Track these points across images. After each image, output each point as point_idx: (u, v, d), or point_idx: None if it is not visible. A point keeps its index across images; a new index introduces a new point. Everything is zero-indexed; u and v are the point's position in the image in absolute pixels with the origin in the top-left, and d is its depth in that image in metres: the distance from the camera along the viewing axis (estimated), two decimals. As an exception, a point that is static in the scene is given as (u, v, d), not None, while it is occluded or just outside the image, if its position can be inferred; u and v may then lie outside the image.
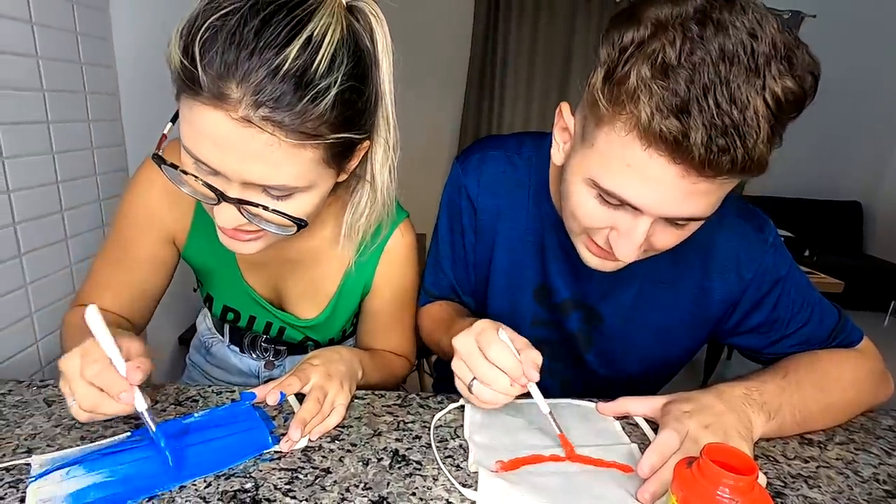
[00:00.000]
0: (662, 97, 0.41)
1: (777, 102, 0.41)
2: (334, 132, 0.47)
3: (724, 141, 0.40)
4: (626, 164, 0.45)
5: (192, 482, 0.46)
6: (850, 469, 0.54)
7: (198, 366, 0.85)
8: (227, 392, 0.61)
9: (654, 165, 0.44)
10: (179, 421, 0.54)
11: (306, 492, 0.46)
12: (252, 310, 0.73)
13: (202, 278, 0.73)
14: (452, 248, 0.75)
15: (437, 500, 0.45)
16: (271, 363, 0.79)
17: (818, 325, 0.66)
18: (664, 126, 0.41)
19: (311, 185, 0.50)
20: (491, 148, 0.71)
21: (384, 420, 0.57)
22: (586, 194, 0.51)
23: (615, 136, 0.45)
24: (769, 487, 0.50)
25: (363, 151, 0.55)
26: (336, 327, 0.73)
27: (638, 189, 0.46)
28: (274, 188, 0.48)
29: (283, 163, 0.46)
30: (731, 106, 0.40)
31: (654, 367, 0.73)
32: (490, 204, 0.70)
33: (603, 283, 0.67)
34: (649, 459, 0.47)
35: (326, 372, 0.58)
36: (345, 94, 0.46)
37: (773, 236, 0.64)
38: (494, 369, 0.50)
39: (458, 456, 0.52)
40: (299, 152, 0.46)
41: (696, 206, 0.47)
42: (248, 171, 0.46)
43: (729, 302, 0.66)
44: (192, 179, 0.49)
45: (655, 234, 0.50)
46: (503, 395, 0.51)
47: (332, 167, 0.51)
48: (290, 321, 0.72)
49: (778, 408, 0.56)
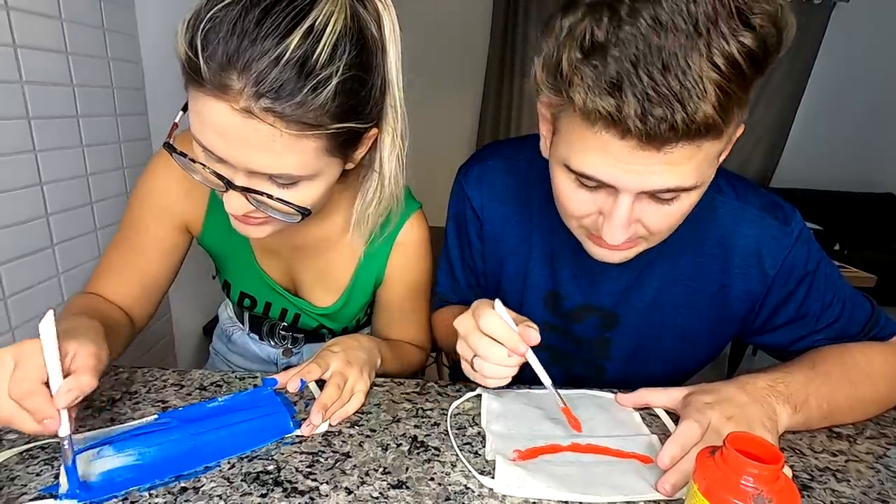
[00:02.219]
0: (593, 77, 0.41)
1: (730, 64, 0.39)
2: (336, 122, 0.47)
3: (661, 110, 0.40)
4: (586, 144, 0.45)
5: (217, 463, 0.47)
6: (881, 464, 0.52)
7: (220, 354, 0.87)
8: (249, 378, 0.62)
9: (608, 141, 0.43)
10: (204, 405, 0.55)
11: (327, 475, 0.46)
12: (268, 296, 0.74)
13: (219, 265, 0.75)
14: (462, 258, 0.75)
15: (454, 486, 0.46)
16: (289, 351, 0.81)
17: (849, 321, 0.63)
18: (599, 106, 0.41)
19: (315, 173, 0.50)
20: (491, 157, 0.71)
21: (403, 407, 0.58)
22: (566, 181, 0.51)
23: (571, 119, 0.46)
24: (795, 480, 0.49)
25: (371, 140, 0.55)
26: (350, 316, 0.74)
27: (602, 166, 0.45)
28: (278, 177, 0.49)
29: (285, 153, 0.46)
30: (664, 75, 0.39)
31: (676, 371, 0.71)
32: (495, 213, 0.70)
33: (619, 283, 0.65)
34: (670, 450, 0.46)
35: (346, 359, 0.58)
36: (347, 84, 0.46)
37: (800, 229, 0.61)
38: (490, 341, 0.51)
39: (475, 443, 0.52)
40: (301, 142, 0.47)
41: (672, 177, 0.45)
42: (251, 160, 0.46)
43: (752, 299, 0.63)
44: (201, 168, 0.50)
45: (644, 214, 0.49)
46: (502, 366, 0.51)
47: (337, 156, 0.51)
48: (304, 308, 0.73)
49: (804, 400, 0.54)
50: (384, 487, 0.45)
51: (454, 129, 3.60)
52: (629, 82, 0.40)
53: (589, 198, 0.50)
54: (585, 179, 0.48)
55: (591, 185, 0.49)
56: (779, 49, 0.42)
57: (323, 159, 0.50)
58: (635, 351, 0.69)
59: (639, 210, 0.49)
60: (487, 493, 0.45)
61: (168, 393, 0.58)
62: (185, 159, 0.50)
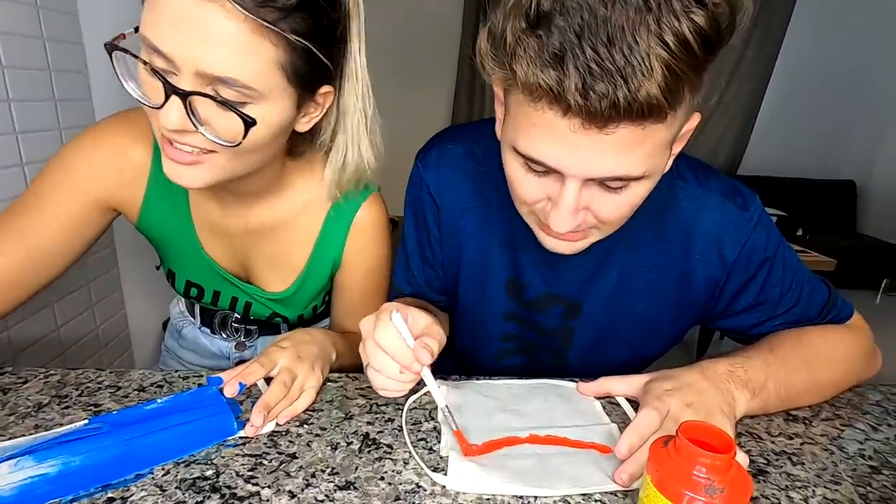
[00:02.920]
0: (537, 48, 0.39)
1: (680, 42, 0.37)
2: (295, 34, 0.46)
3: (602, 85, 0.38)
4: (532, 123, 0.43)
5: (150, 470, 0.44)
6: (836, 445, 0.53)
7: (171, 350, 0.83)
8: (194, 377, 0.58)
9: (549, 121, 0.42)
10: (141, 407, 0.52)
11: (269, 478, 0.44)
12: (216, 283, 0.70)
13: (162, 253, 0.71)
14: (419, 246, 0.72)
15: (406, 485, 0.44)
16: (242, 344, 0.78)
17: (807, 305, 0.63)
18: (540, 79, 0.39)
19: (265, 93, 0.48)
20: (449, 141, 0.68)
21: (357, 403, 0.55)
22: (515, 164, 0.49)
23: (518, 98, 0.44)
24: (752, 465, 0.49)
25: (326, 99, 0.54)
26: (305, 301, 0.71)
27: (547, 149, 0.43)
28: (227, 84, 0.46)
29: (240, 49, 0.45)
30: (609, 49, 0.37)
31: (639, 358, 0.71)
32: (453, 199, 0.67)
33: (581, 272, 0.64)
34: (628, 439, 0.45)
35: (296, 354, 0.55)
36: (311, 2, 0.46)
37: (759, 214, 0.60)
38: (382, 355, 0.49)
39: (431, 439, 0.50)
40: (258, 42, 0.45)
41: (618, 163, 0.43)
42: (203, 55, 0.44)
43: (712, 285, 0.63)
44: (143, 72, 0.46)
45: (593, 202, 0.47)
46: (395, 381, 0.49)
47: (291, 84, 0.49)
48: (256, 294, 0.70)
49: (762, 384, 0.54)
50: (330, 489, 0.43)
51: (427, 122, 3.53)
52: (572, 55, 0.38)
53: (537, 183, 0.48)
54: (533, 163, 0.46)
55: (539, 169, 0.46)
56: (731, 31, 0.40)
57: (277, 77, 0.48)
58: (598, 339, 0.68)
59: (587, 198, 0.47)
60: (440, 490, 0.43)
61: (102, 395, 0.54)
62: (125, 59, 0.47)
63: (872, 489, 0.46)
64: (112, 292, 1.33)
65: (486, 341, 0.72)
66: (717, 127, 3.70)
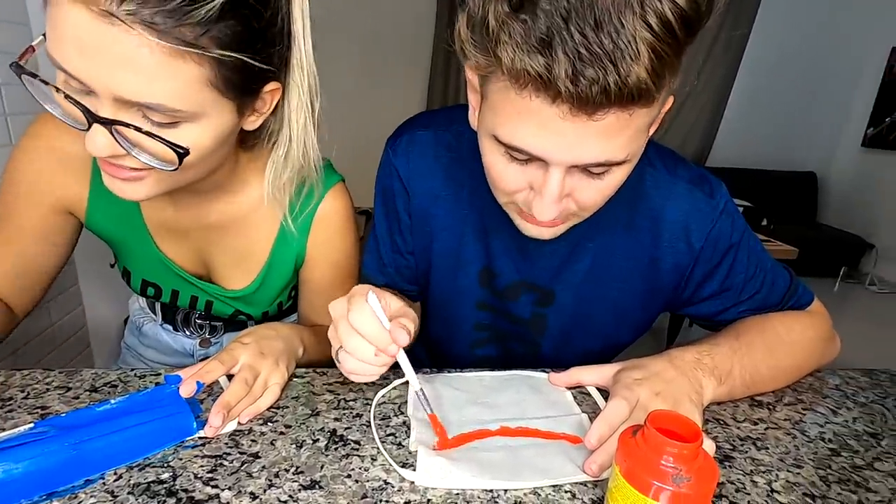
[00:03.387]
0: (523, 33, 0.38)
1: (663, 24, 0.37)
2: (222, 48, 0.42)
3: (592, 71, 0.37)
4: (515, 111, 0.42)
5: (101, 475, 0.42)
6: (798, 429, 0.54)
7: (132, 348, 0.80)
8: (152, 376, 0.56)
9: (535, 109, 0.40)
10: (93, 409, 0.49)
11: (230, 479, 0.42)
12: (173, 283, 0.67)
13: (115, 251, 0.67)
14: (390, 234, 0.70)
15: (373, 482, 0.42)
16: (207, 341, 0.75)
17: (771, 291, 0.65)
18: (528, 65, 0.38)
19: (198, 111, 0.44)
20: (419, 127, 0.66)
21: (324, 399, 0.54)
22: (495, 153, 0.47)
23: (499, 86, 0.42)
24: (718, 450, 0.49)
25: (273, 96, 0.50)
26: (268, 299, 0.69)
27: (532, 137, 0.42)
28: (151, 108, 0.42)
29: (157, 75, 0.40)
30: (597, 32, 0.36)
31: (610, 345, 0.71)
32: (424, 186, 0.65)
33: (554, 259, 0.64)
34: (597, 430, 0.45)
35: (259, 350, 0.53)
36: (237, 7, 0.41)
37: (725, 202, 0.61)
38: (357, 337, 0.47)
39: (400, 434, 0.49)
40: (177, 64, 0.40)
41: (603, 149, 0.42)
42: (116, 81, 0.40)
43: (680, 272, 0.63)
44: (60, 97, 0.42)
45: (576, 189, 0.47)
46: (368, 364, 0.48)
47: (227, 97, 0.46)
48: (216, 293, 0.67)
49: (728, 371, 0.55)
50: (294, 489, 0.41)
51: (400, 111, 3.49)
52: (559, 39, 0.37)
53: (519, 172, 0.47)
54: (515, 152, 0.45)
55: (521, 158, 0.45)
56: (710, 11, 0.40)
57: (207, 94, 0.44)
58: (570, 327, 0.68)
59: (570, 185, 0.46)
60: (408, 486, 0.42)
61: (51, 397, 0.51)
62: (37, 83, 0.43)
63: (832, 471, 0.48)
64: (69, 287, 1.27)
65: (458, 331, 0.71)
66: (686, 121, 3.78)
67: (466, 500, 0.41)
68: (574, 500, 0.42)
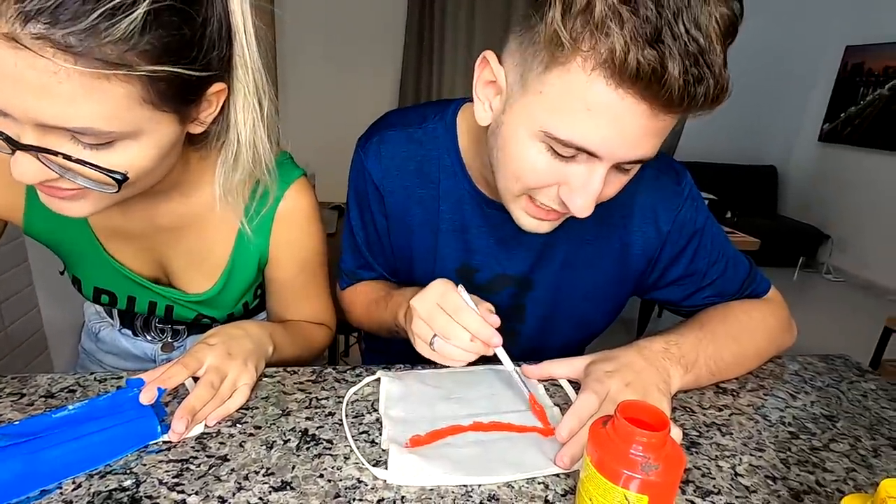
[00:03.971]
0: (635, 24, 0.37)
1: (727, 24, 0.38)
2: (151, 63, 0.37)
3: (697, 70, 0.37)
4: (586, 107, 0.41)
5: (58, 485, 0.40)
6: (760, 414, 0.56)
7: (90, 353, 0.76)
8: (112, 379, 0.53)
9: (621, 105, 0.40)
10: (49, 416, 0.46)
11: (197, 484, 0.41)
12: (128, 289, 0.63)
13: (62, 258, 0.63)
14: (367, 235, 0.70)
15: (346, 481, 0.42)
16: (170, 345, 0.71)
17: (732, 276, 0.67)
18: (641, 57, 0.37)
19: (134, 130, 0.40)
20: (390, 127, 0.65)
21: (294, 398, 0.53)
22: (535, 149, 0.46)
23: (573, 78, 0.41)
24: (686, 437, 0.51)
25: (219, 98, 0.47)
26: (232, 300, 0.66)
27: (601, 134, 0.42)
28: (80, 133, 0.38)
29: (79, 99, 0.36)
30: (697, 31, 0.37)
31: (585, 330, 0.73)
32: (397, 186, 0.65)
33: (532, 249, 0.65)
34: (567, 423, 0.46)
35: (226, 351, 0.52)
36: (163, 16, 0.37)
37: (690, 187, 0.64)
38: (457, 326, 0.49)
39: (373, 431, 0.48)
40: (102, 86, 0.36)
41: (649, 146, 0.43)
42: (33, 108, 0.36)
43: (648, 256, 0.66)
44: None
45: (606, 183, 0.47)
46: (465, 351, 0.50)
47: (164, 110, 0.42)
48: (176, 297, 0.64)
49: (695, 360, 0.56)
50: (265, 491, 0.40)
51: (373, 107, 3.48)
52: (672, 35, 0.36)
53: (557, 167, 0.46)
54: (565, 148, 0.44)
55: (567, 154, 0.45)
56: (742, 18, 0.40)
57: (141, 112, 0.40)
58: (548, 314, 0.69)
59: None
60: (382, 484, 0.42)
61: (2, 405, 0.48)
62: None
63: (792, 453, 0.50)
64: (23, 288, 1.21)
65: None
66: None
67: (441, 495, 0.41)
68: (547, 490, 0.42)
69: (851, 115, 3.82)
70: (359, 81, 3.35)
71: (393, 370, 0.58)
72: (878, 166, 3.65)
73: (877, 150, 3.65)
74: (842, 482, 0.46)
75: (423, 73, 3.36)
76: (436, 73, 3.36)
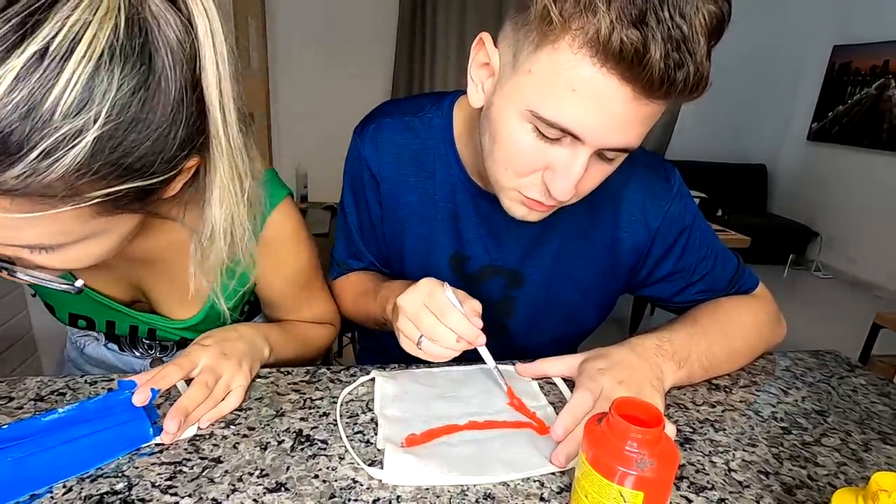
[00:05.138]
0: (622, 5, 0.38)
1: (713, 21, 0.39)
2: (105, 186, 0.34)
3: (678, 55, 0.38)
4: (571, 87, 0.42)
5: (48, 489, 0.39)
6: (752, 410, 0.56)
7: (76, 363, 0.74)
8: (103, 382, 0.53)
9: (604, 85, 0.41)
10: (38, 419, 0.46)
11: (190, 486, 0.40)
12: (106, 315, 0.61)
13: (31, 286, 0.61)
14: (360, 223, 0.70)
15: (341, 481, 0.42)
16: (159, 360, 0.69)
17: (721, 273, 0.68)
18: (624, 37, 0.38)
19: (91, 234, 0.38)
20: (387, 115, 0.66)
21: (289, 399, 0.52)
22: (521, 129, 0.47)
23: (560, 57, 0.42)
24: (679, 434, 0.51)
25: (191, 169, 0.42)
26: (217, 325, 0.60)
27: (584, 115, 0.42)
28: (29, 247, 0.36)
29: (23, 226, 0.33)
30: (682, 19, 0.38)
31: (575, 327, 0.73)
32: (393, 174, 0.65)
33: (523, 242, 0.65)
34: (563, 421, 0.46)
35: (220, 351, 0.51)
36: (117, 135, 0.32)
37: (679, 185, 0.65)
38: (443, 327, 0.49)
39: (368, 431, 0.48)
40: (47, 214, 0.33)
41: (633, 135, 0.44)
42: None
43: (638, 252, 0.66)
44: None
45: (588, 172, 0.47)
46: (451, 350, 0.50)
47: (126, 211, 0.38)
48: (157, 323, 0.60)
49: (687, 356, 0.57)
50: (259, 493, 0.40)
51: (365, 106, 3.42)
52: (656, 19, 0.37)
53: (543, 150, 0.47)
54: (550, 129, 0.45)
55: (553, 135, 0.45)
56: (729, 19, 0.41)
57: (96, 222, 0.37)
58: (538, 310, 0.69)
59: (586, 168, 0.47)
60: (377, 484, 0.42)
61: (-10, 409, 0.47)
62: None
63: (784, 448, 0.50)
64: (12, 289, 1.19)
65: None
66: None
67: (436, 494, 0.41)
68: (542, 488, 0.42)
69: (839, 114, 3.87)
70: (351, 79, 3.34)
71: (387, 370, 0.58)
72: (865, 164, 3.70)
73: (864, 149, 3.69)
74: (833, 476, 0.47)
75: (416, 68, 3.35)
76: (428, 69, 3.36)
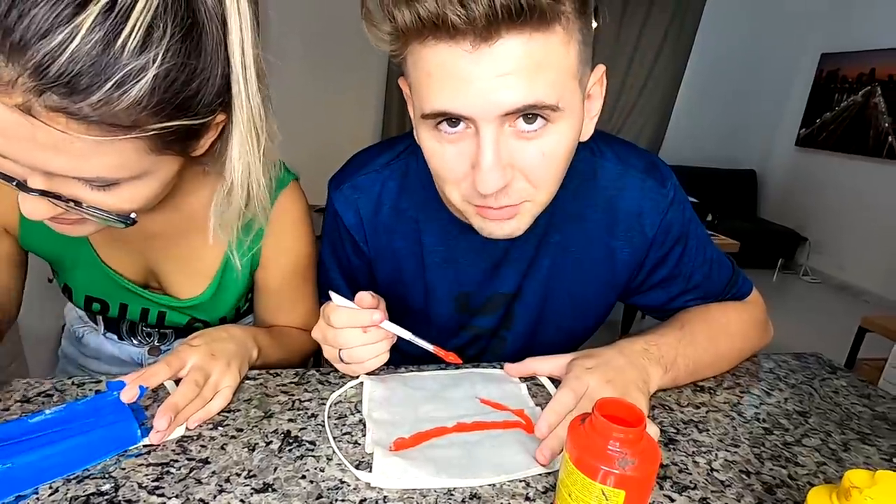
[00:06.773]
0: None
1: None
2: (160, 121, 0.39)
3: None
4: (426, 74, 0.44)
5: (33, 490, 0.39)
6: (735, 411, 0.57)
7: (70, 358, 0.75)
8: (91, 383, 0.53)
9: (441, 59, 0.42)
10: (25, 421, 0.46)
11: (178, 487, 0.40)
12: (121, 297, 0.63)
13: (55, 267, 0.63)
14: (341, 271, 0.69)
15: (329, 482, 0.42)
16: (156, 349, 0.71)
17: (716, 279, 0.68)
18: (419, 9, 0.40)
19: (141, 173, 0.42)
20: (361, 170, 0.65)
21: (277, 400, 0.53)
22: (430, 138, 0.48)
23: (410, 59, 0.45)
24: (663, 434, 0.52)
25: (219, 126, 0.47)
26: (225, 306, 0.66)
27: (446, 92, 0.43)
28: (89, 180, 0.40)
29: (90, 155, 0.37)
30: None
31: (571, 337, 0.73)
32: (376, 228, 0.65)
33: (520, 262, 0.64)
34: (546, 419, 0.46)
35: (209, 352, 0.51)
36: (170, 75, 0.37)
37: (675, 191, 0.63)
38: (342, 332, 0.51)
39: (356, 432, 0.48)
40: (113, 143, 0.38)
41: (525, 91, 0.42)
42: (44, 162, 0.37)
43: (636, 260, 0.65)
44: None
45: (515, 154, 0.46)
46: (368, 346, 0.52)
47: (169, 153, 0.44)
48: (169, 304, 0.64)
49: (673, 360, 0.57)
50: (246, 493, 0.40)
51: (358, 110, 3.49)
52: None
53: (455, 151, 0.47)
54: (443, 124, 0.46)
55: (450, 131, 0.46)
56: None
57: (148, 159, 0.42)
58: (535, 321, 0.69)
59: (507, 151, 0.45)
60: (364, 485, 0.42)
61: (-24, 410, 0.47)
62: None
63: (765, 448, 0.51)
64: None
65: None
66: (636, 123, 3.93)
67: (423, 494, 0.41)
68: (528, 488, 0.43)
69: (827, 120, 3.93)
70: (343, 83, 3.35)
71: (376, 373, 0.59)
72: (852, 170, 3.76)
73: (851, 155, 3.75)
74: (812, 475, 0.48)
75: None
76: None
